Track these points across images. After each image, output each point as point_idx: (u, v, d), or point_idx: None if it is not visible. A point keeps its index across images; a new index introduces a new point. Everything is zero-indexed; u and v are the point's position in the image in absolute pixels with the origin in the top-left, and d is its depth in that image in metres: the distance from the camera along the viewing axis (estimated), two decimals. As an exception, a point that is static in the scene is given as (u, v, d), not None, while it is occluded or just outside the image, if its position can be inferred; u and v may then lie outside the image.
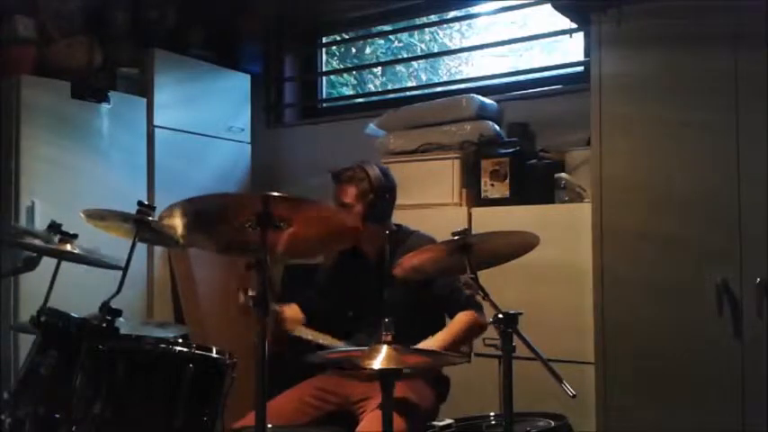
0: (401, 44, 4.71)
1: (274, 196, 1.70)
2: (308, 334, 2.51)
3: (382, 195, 2.53)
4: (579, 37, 3.64)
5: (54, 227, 2.37)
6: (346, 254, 2.64)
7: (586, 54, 3.53)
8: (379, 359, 1.71)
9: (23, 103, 3.35)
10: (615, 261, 2.80)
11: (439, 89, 4.22)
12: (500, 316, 1.85)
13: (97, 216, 2.31)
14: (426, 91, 4.32)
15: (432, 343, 2.33)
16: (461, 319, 2.45)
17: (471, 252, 1.97)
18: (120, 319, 2.02)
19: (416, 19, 4.44)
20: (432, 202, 3.42)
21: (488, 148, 3.43)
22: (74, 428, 1.90)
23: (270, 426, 1.75)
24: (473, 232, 2.06)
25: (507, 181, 3.30)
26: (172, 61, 4.00)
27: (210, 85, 4.20)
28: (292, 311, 2.63)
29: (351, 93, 4.85)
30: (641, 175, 2.78)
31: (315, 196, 2.42)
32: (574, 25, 3.45)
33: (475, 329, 2.46)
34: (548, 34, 3.82)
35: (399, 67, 4.70)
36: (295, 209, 1.80)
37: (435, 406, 2.50)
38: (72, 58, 3.66)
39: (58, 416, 1.96)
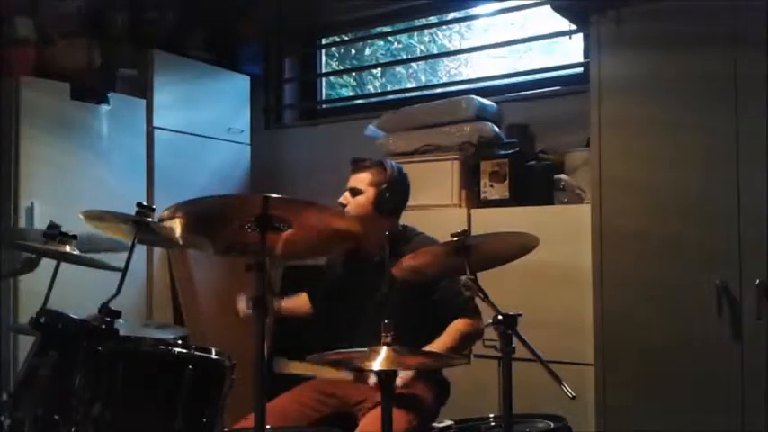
0: (400, 45, 4.72)
1: (273, 198, 1.70)
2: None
3: (394, 188, 2.58)
4: (578, 38, 3.65)
5: (53, 228, 2.37)
6: (350, 253, 2.64)
7: (586, 55, 3.54)
8: (379, 360, 1.71)
9: (23, 104, 3.35)
10: (615, 262, 2.80)
11: (438, 90, 4.23)
12: (499, 317, 1.85)
13: (96, 217, 2.30)
14: (426, 92, 4.33)
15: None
16: (457, 327, 2.44)
17: (471, 253, 1.97)
18: (120, 320, 2.02)
19: (416, 20, 4.45)
20: (431, 203, 3.41)
21: (488, 149, 3.43)
22: (73, 430, 1.90)
23: (269, 426, 1.75)
24: (472, 233, 2.06)
25: (507, 182, 3.30)
26: (171, 62, 4.00)
27: (210, 87, 4.20)
28: (300, 301, 2.80)
29: (350, 94, 4.85)
30: (641, 176, 2.79)
31: (314, 197, 2.43)
32: (573, 27, 3.46)
33: (471, 336, 2.46)
34: (547, 36, 3.82)
35: (399, 69, 4.70)
36: (294, 210, 1.80)
37: (436, 408, 2.50)
38: (71, 59, 3.65)
39: (57, 417, 1.95)
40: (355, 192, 2.57)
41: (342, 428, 2.39)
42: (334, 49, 4.89)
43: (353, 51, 4.89)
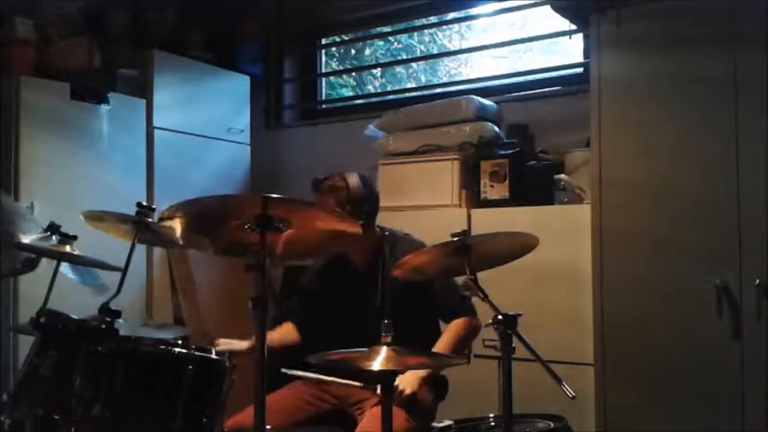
0: (400, 45, 4.72)
1: (273, 198, 1.70)
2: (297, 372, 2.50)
3: (360, 206, 2.48)
4: (578, 38, 3.65)
5: (53, 228, 2.37)
6: (332, 260, 2.63)
7: (586, 55, 3.54)
8: (379, 360, 1.71)
9: (23, 104, 3.35)
10: (614, 262, 2.80)
11: (438, 90, 4.23)
12: (499, 317, 1.85)
13: (96, 217, 2.31)
14: (426, 92, 4.33)
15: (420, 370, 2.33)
16: (456, 327, 2.45)
17: (471, 253, 1.96)
18: (120, 320, 2.02)
19: (416, 20, 4.45)
20: (431, 203, 3.42)
21: (487, 149, 3.43)
22: (73, 430, 1.90)
23: (269, 427, 1.75)
24: (472, 233, 2.06)
25: (507, 182, 3.30)
26: (171, 62, 4.00)
27: (210, 87, 4.20)
28: (284, 333, 2.68)
29: (350, 94, 4.85)
30: (641, 176, 2.79)
31: (314, 198, 2.43)
32: (573, 27, 3.46)
33: (470, 337, 2.48)
34: (547, 36, 3.82)
35: (399, 69, 4.70)
36: (294, 210, 1.80)
37: (433, 406, 2.51)
38: (71, 59, 3.66)
39: (57, 417, 1.95)
40: None
41: (341, 428, 2.40)
42: (334, 49, 4.88)
43: (353, 51, 4.89)
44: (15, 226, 2.40)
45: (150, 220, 2.20)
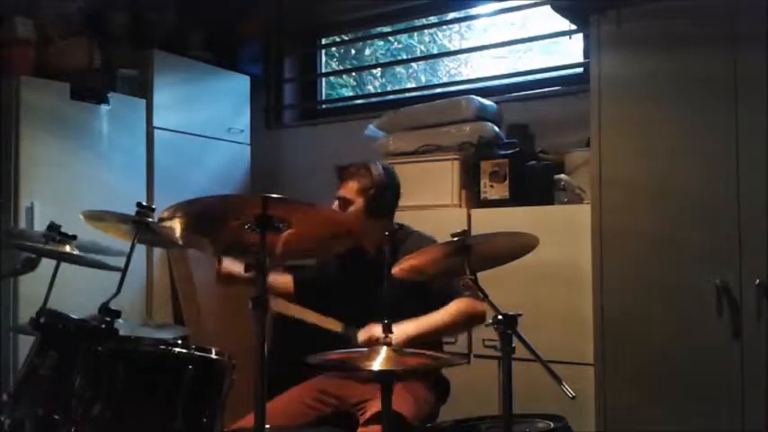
0: (400, 45, 4.72)
1: (273, 198, 1.70)
2: (295, 312, 2.51)
3: (383, 192, 2.55)
4: (579, 38, 3.65)
5: (53, 228, 2.37)
6: (345, 253, 2.63)
7: (586, 55, 3.54)
8: (379, 360, 1.71)
9: (23, 104, 3.35)
10: (615, 262, 2.80)
11: (438, 90, 4.23)
12: (499, 317, 1.85)
13: (96, 217, 2.31)
14: (426, 92, 4.33)
15: (410, 326, 2.26)
16: (454, 305, 2.38)
17: (471, 253, 1.97)
18: (120, 320, 2.02)
19: (416, 20, 4.45)
20: (431, 203, 3.42)
21: (487, 149, 3.43)
22: (73, 430, 1.90)
23: (268, 426, 1.75)
24: (472, 233, 2.06)
25: (506, 182, 3.30)
26: (171, 62, 4.00)
27: (210, 87, 4.21)
28: (284, 279, 2.75)
29: (350, 94, 4.86)
30: (641, 176, 2.79)
31: (314, 198, 2.43)
32: (573, 27, 3.46)
33: (471, 316, 2.38)
34: (547, 36, 3.83)
35: (399, 69, 4.70)
36: (294, 210, 1.80)
37: (435, 409, 2.50)
38: (71, 59, 3.66)
39: (57, 417, 1.96)
40: (345, 202, 2.55)
41: (342, 428, 2.39)
42: (334, 49, 4.89)
43: (353, 51, 4.89)
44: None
45: (150, 220, 2.20)
